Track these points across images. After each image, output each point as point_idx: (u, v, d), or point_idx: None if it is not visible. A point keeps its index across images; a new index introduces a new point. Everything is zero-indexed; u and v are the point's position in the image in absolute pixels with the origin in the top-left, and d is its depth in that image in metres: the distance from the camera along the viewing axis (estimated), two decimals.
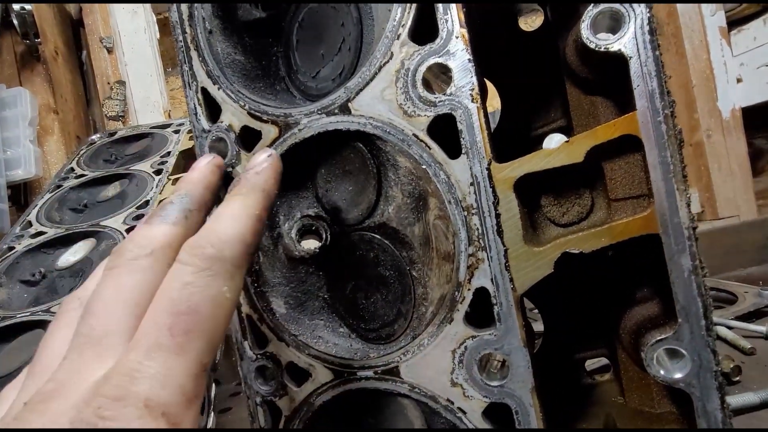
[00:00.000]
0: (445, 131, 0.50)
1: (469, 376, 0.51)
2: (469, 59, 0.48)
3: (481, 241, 0.49)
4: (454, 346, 0.51)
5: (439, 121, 0.50)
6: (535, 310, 0.74)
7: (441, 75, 0.50)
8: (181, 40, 0.60)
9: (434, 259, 0.55)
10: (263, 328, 0.59)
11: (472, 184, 0.49)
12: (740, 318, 1.24)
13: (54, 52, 1.95)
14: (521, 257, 0.49)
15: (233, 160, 0.58)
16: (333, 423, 0.59)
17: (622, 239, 0.47)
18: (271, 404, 0.60)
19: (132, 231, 0.43)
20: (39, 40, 1.82)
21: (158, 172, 1.33)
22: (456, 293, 0.51)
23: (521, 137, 0.69)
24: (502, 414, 0.51)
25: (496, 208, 0.49)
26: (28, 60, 1.87)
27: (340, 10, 0.58)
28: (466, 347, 0.51)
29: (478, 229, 0.49)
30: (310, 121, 0.54)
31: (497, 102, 0.70)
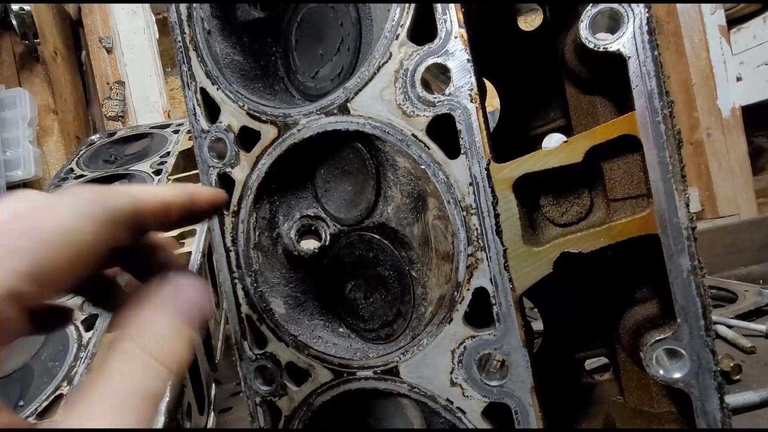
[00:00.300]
0: (444, 131, 0.50)
1: (468, 375, 0.51)
2: (467, 59, 0.48)
3: (480, 241, 0.49)
4: (453, 346, 0.51)
5: (438, 122, 0.50)
6: (534, 310, 0.74)
7: (440, 75, 0.50)
8: (179, 41, 0.60)
9: (433, 259, 0.55)
10: (263, 329, 0.59)
11: (471, 184, 0.49)
12: (740, 317, 1.24)
13: (53, 52, 1.95)
14: (520, 257, 0.49)
15: (232, 161, 0.58)
16: (333, 423, 0.59)
17: (621, 239, 0.47)
18: (270, 404, 0.61)
19: None
20: (38, 40, 1.82)
21: (158, 172, 1.33)
22: (455, 293, 0.51)
23: (520, 137, 0.69)
24: (502, 414, 0.51)
25: (495, 208, 0.49)
26: (28, 60, 1.87)
27: (338, 10, 0.58)
28: (465, 347, 0.51)
29: (477, 229, 0.49)
30: (309, 121, 0.54)
31: (496, 102, 0.70)
